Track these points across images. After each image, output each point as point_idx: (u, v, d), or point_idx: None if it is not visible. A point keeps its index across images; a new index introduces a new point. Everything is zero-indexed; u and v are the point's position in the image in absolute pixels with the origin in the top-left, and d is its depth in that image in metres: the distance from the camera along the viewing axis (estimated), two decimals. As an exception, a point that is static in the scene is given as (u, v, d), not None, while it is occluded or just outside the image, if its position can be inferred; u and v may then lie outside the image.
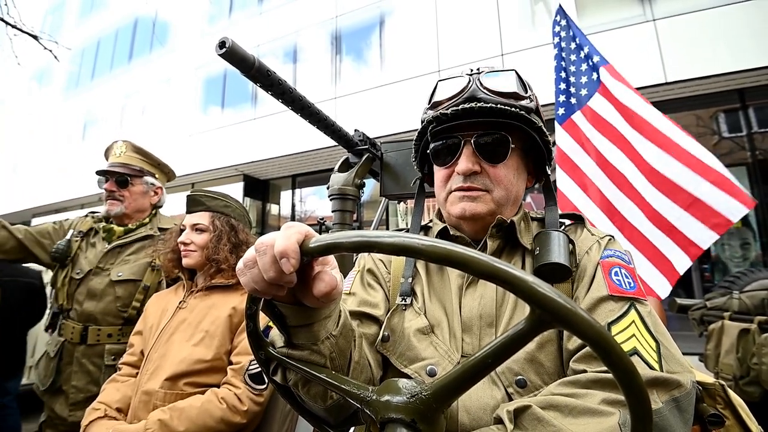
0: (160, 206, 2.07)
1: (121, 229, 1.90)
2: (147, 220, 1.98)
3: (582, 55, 2.60)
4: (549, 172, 0.87)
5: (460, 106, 0.75)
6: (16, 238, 1.76)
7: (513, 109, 0.74)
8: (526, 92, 0.81)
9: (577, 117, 2.52)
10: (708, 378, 0.90)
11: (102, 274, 1.79)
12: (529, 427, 0.54)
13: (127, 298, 1.77)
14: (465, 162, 0.77)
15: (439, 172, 0.84)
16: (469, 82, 0.79)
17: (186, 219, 1.54)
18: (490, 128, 0.77)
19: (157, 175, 2.02)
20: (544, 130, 0.80)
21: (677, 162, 2.30)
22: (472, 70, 0.82)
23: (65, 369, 1.72)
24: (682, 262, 2.21)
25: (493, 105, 0.74)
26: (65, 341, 1.74)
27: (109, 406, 1.31)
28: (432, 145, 0.82)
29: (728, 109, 5.95)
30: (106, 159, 1.97)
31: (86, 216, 2.01)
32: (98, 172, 1.94)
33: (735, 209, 2.14)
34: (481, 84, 0.78)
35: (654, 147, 2.33)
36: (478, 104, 0.74)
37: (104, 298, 1.75)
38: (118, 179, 1.89)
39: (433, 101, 0.83)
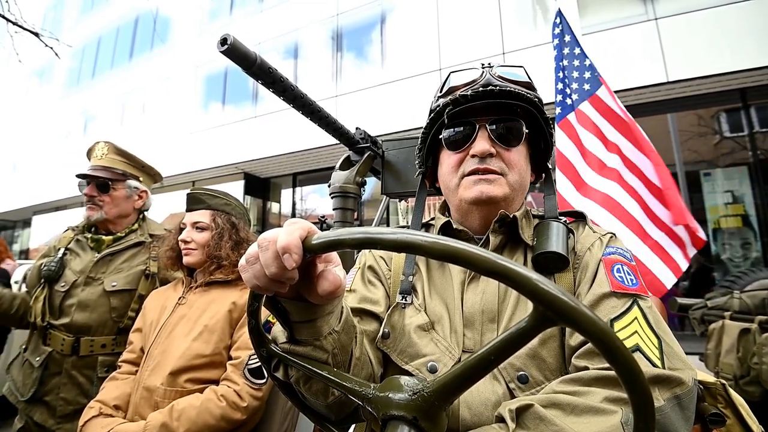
0: (146, 210, 1.99)
1: (110, 237, 1.83)
2: (136, 226, 1.90)
3: (585, 63, 2.66)
4: (550, 166, 0.89)
5: (480, 90, 0.76)
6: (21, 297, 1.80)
7: (528, 95, 0.77)
8: (534, 86, 0.83)
9: (573, 117, 2.60)
10: (709, 377, 0.90)
11: (94, 284, 1.72)
12: (531, 427, 0.54)
13: (123, 308, 1.71)
14: (482, 143, 0.77)
15: (450, 158, 0.83)
16: (483, 73, 0.81)
17: (186, 217, 1.54)
18: (504, 114, 0.79)
19: (141, 178, 1.92)
20: (550, 122, 0.82)
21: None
22: (483, 65, 0.84)
23: (50, 380, 1.65)
24: (682, 261, 2.27)
25: (512, 89, 0.76)
26: (52, 352, 1.66)
27: (106, 404, 1.30)
28: (445, 131, 0.83)
29: (730, 109, 5.93)
30: (89, 160, 1.88)
31: (65, 231, 1.94)
32: (78, 176, 1.83)
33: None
34: (495, 74, 0.80)
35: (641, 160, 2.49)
36: (497, 87, 0.76)
37: (98, 308, 1.69)
38: (98, 183, 1.79)
39: (447, 88, 0.84)
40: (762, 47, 5.18)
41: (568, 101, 2.62)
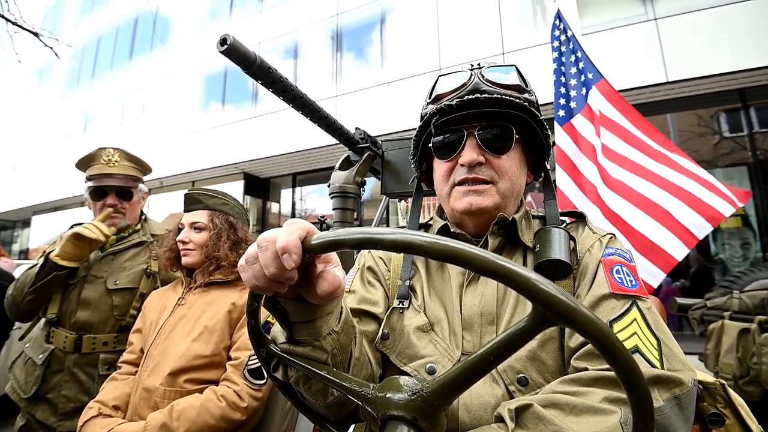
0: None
1: (113, 237, 1.84)
2: (138, 226, 1.93)
3: (578, 67, 2.66)
4: (548, 168, 0.87)
5: (465, 98, 0.74)
6: None
7: (517, 100, 0.74)
8: (527, 86, 0.81)
9: (576, 121, 2.59)
10: (708, 377, 0.90)
11: (96, 282, 1.74)
12: (530, 426, 0.54)
13: (125, 307, 1.73)
14: (470, 153, 0.76)
15: (440, 167, 0.82)
16: (471, 76, 0.79)
17: (184, 217, 1.54)
18: (493, 120, 0.77)
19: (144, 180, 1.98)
20: (545, 124, 0.80)
21: (667, 168, 2.37)
22: (472, 65, 0.82)
23: (52, 377, 1.67)
24: (679, 250, 2.22)
25: (499, 96, 0.74)
26: (55, 349, 1.68)
27: (105, 404, 1.30)
28: (434, 139, 0.81)
29: (729, 109, 5.94)
30: (85, 165, 1.84)
31: (71, 228, 1.93)
32: (95, 187, 1.81)
33: (725, 207, 2.20)
34: (483, 77, 0.78)
35: (642, 155, 2.43)
36: (484, 95, 0.74)
37: (100, 306, 1.71)
38: (120, 191, 1.82)
39: (434, 95, 0.83)
40: (762, 47, 5.19)
41: (572, 104, 2.61)
